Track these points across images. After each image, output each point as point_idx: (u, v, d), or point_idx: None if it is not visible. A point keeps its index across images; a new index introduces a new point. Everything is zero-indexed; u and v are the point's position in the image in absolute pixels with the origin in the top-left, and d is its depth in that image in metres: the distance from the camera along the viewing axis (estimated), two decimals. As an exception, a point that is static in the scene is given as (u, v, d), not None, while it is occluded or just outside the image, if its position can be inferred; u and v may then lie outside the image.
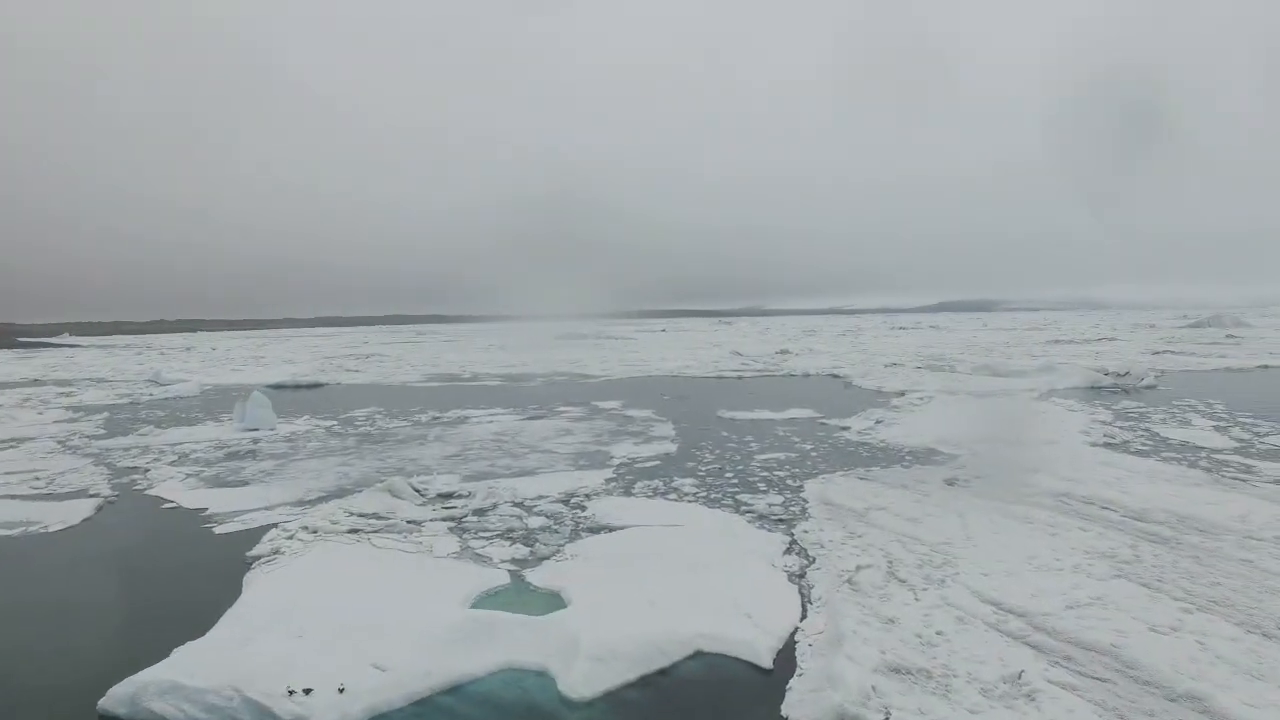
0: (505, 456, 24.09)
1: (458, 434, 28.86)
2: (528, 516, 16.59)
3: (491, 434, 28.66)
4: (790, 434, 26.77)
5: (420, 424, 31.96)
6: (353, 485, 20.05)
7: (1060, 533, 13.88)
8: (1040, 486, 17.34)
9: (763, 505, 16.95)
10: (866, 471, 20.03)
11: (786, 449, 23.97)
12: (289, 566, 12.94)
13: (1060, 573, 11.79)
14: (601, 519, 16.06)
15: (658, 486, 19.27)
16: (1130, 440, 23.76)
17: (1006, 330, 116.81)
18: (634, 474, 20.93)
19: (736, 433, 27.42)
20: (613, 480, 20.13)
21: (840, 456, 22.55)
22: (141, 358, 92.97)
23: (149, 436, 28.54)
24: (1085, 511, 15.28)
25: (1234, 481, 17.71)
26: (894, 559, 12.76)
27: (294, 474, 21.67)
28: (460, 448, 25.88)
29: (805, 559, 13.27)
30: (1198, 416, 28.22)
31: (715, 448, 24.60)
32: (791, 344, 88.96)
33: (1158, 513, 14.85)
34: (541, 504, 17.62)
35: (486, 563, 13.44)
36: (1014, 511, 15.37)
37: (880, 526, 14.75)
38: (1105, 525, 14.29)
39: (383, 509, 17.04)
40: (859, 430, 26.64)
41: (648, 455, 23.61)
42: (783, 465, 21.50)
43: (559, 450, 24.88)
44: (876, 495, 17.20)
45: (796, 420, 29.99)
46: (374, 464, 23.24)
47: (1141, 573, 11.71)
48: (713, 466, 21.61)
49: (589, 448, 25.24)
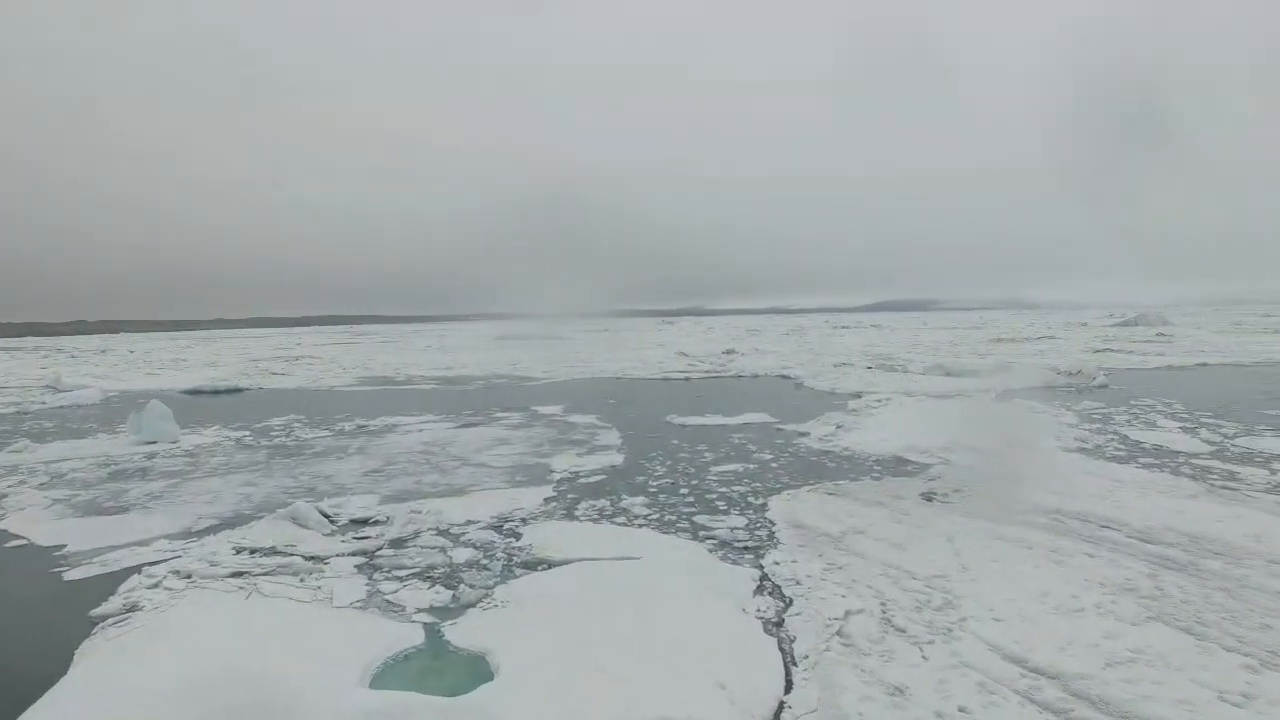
0: (433, 471, 21.54)
1: (383, 445, 26.13)
2: (453, 548, 14.18)
3: (420, 445, 26.01)
4: (746, 442, 24.85)
5: (342, 434, 29.08)
6: (253, 510, 17.28)
7: (1066, 560, 12.14)
8: (1027, 501, 15.69)
9: (724, 529, 14.86)
10: (834, 485, 18.16)
11: (744, 459, 22.00)
12: (141, 629, 10.26)
13: (1083, 615, 9.98)
14: (539, 550, 13.74)
15: (604, 507, 17.04)
16: (1103, 445, 22.50)
17: (947, 329, 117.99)
18: (577, 491, 18.66)
19: (688, 441, 25.38)
20: (553, 500, 17.82)
21: (803, 468, 20.67)
22: (48, 361, 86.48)
23: (23, 453, 25.01)
24: (1086, 532, 13.63)
25: (1228, 492, 16.36)
26: (887, 600, 10.79)
27: (185, 497, 18.74)
28: (384, 461, 23.20)
29: (781, 600, 11.21)
30: (1160, 417, 27.31)
31: (666, 459, 22.50)
32: (737, 344, 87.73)
33: (1165, 532, 13.29)
34: (470, 531, 15.21)
35: (398, 614, 11.01)
36: (1007, 533, 13.62)
37: (862, 555, 12.81)
38: (1113, 549, 12.62)
39: (282, 541, 14.41)
40: (820, 437, 24.86)
41: (592, 468, 21.36)
42: (742, 479, 19.50)
43: (493, 464, 22.43)
44: (851, 515, 15.30)
45: (751, 426, 28.10)
46: (283, 483, 20.44)
47: (1175, 612, 9.98)
48: (664, 481, 19.48)
49: (527, 460, 22.85)
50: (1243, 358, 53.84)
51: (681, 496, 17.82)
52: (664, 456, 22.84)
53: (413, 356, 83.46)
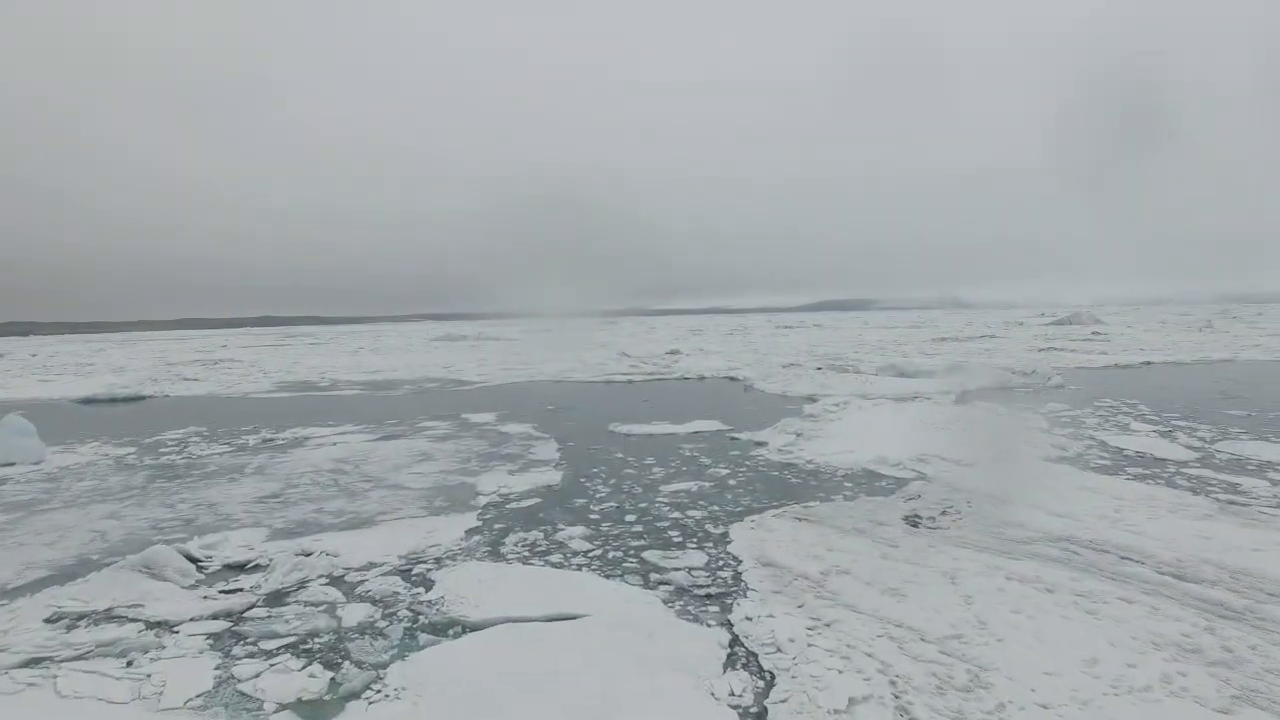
0: (339, 496, 18.51)
1: (286, 463, 22.87)
2: (346, 604, 11.31)
3: (330, 462, 22.84)
4: (699, 454, 22.42)
5: (244, 449, 25.63)
6: (103, 555, 14.03)
7: (1100, 607, 9.97)
8: (1028, 526, 13.60)
9: (682, 571, 12.30)
10: (804, 508, 15.81)
11: (698, 476, 19.55)
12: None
13: (1150, 694, 7.75)
14: (453, 605, 10.98)
15: (536, 541, 14.33)
16: (1084, 453, 20.75)
17: (888, 329, 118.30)
18: (506, 519, 15.90)
19: (634, 453, 22.82)
20: (476, 532, 15.02)
21: (766, 485, 18.31)
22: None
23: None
24: (1108, 566, 11.53)
25: (1239, 509, 14.57)
26: (896, 677, 8.39)
27: (22, 538, 15.31)
28: (284, 483, 20.03)
29: (760, 677, 8.72)
30: (1130, 420, 25.91)
31: (610, 476, 19.90)
32: (681, 344, 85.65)
33: (1200, 566, 11.28)
34: (370, 578, 12.35)
35: (251, 715, 8.17)
36: (1018, 571, 11.42)
37: (852, 606, 10.42)
38: (1148, 591, 10.52)
39: (125, 600, 11.33)
40: (779, 448, 22.57)
41: (525, 489, 18.62)
42: (697, 500, 17.03)
43: (411, 484, 19.49)
44: (829, 548, 12.94)
45: (703, 435, 25.69)
46: (155, 514, 17.13)
47: (1265, 688, 7.83)
48: (608, 505, 16.86)
49: (450, 479, 19.97)
50: (1181, 356, 53.99)
51: (628, 525, 15.23)
52: (607, 473, 20.24)
53: (342, 359, 78.96)
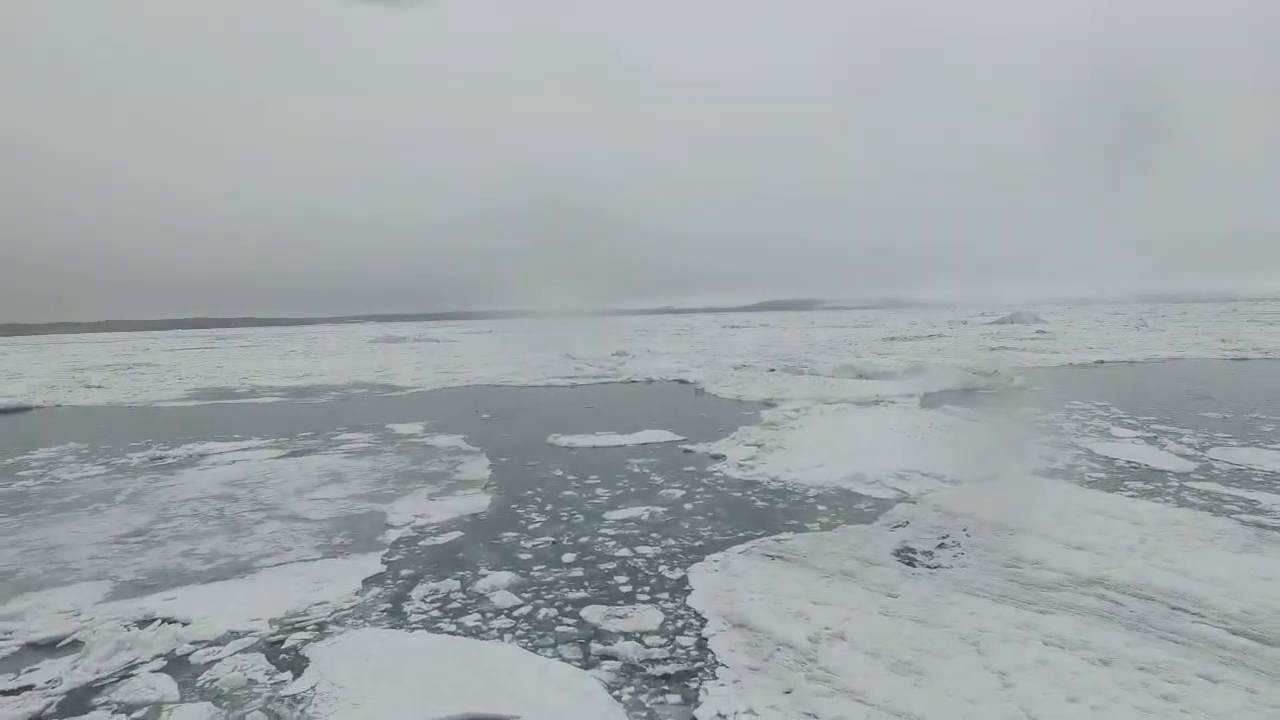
0: (219, 532, 15.33)
1: (169, 488, 19.49)
2: (178, 705, 8.34)
3: (221, 485, 19.55)
4: (649, 471, 19.79)
5: (123, 470, 22.06)
6: (-123, 625, 10.72)
7: (1177, 688, 7.63)
8: (1047, 563, 11.31)
9: (630, 642, 9.59)
10: (776, 542, 13.30)
11: (648, 498, 16.92)
12: None
13: None
14: (324, 707, 8.11)
15: (451, 594, 11.48)
16: (1074, 464, 18.79)
17: (836, 328, 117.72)
18: (417, 562, 13.00)
19: (576, 471, 20.09)
20: (377, 582, 12.10)
21: (728, 510, 15.76)
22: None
23: None
24: (1161, 622, 9.26)
25: (1277, 535, 12.59)
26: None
27: None
28: (156, 516, 16.72)
29: (748, 827, 6.12)
30: (1109, 425, 24.22)
31: (547, 500, 17.12)
32: (627, 344, 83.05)
33: (1274, 620, 9.09)
34: (224, 659, 9.37)
35: None
36: (1055, 632, 9.06)
37: (859, 694, 7.90)
38: (1227, 659, 8.25)
39: None
40: (739, 462, 20.08)
41: (446, 519, 15.73)
42: (648, 532, 14.38)
43: (311, 514, 16.41)
44: (814, 598, 10.43)
45: (653, 448, 23.08)
46: (-24, 561, 13.75)
47: None
48: (542, 540, 14.09)
49: (359, 507, 16.94)
50: (1131, 354, 53.57)
51: (565, 568, 12.48)
52: (544, 496, 17.47)
53: (271, 363, 74.22)
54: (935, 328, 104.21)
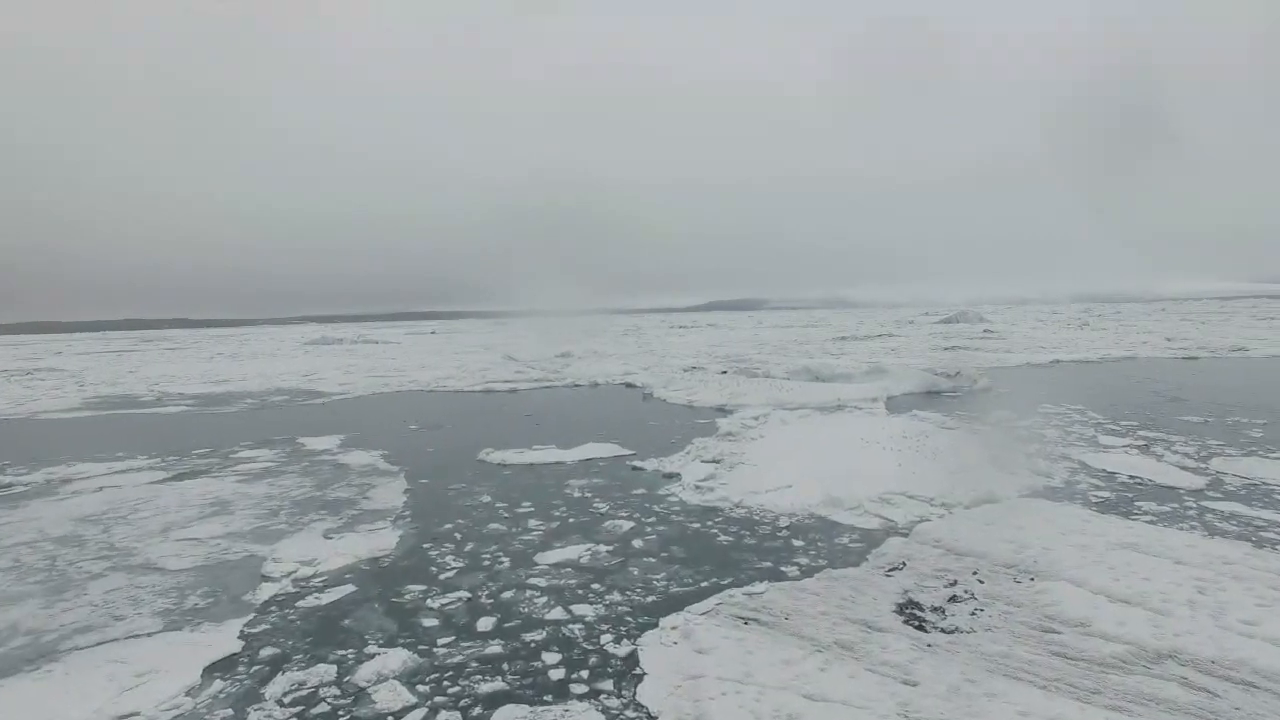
0: (40, 591, 11.98)
1: (5, 524, 15.95)
2: None
3: (72, 522, 16.07)
4: (592, 495, 16.99)
5: (-40, 502, 18.34)
6: None
7: None
8: (1095, 626, 8.88)
9: (563, 774, 6.84)
10: (748, 596, 10.62)
11: (591, 533, 14.12)
12: None
13: None
14: None
15: (320, 690, 8.49)
16: (1073, 481, 16.63)
17: (785, 328, 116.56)
18: (283, 639, 9.92)
19: (507, 496, 17.17)
20: (222, 673, 9.03)
21: (686, 550, 13.04)
22: None
23: None
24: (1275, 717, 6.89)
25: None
26: None
27: None
28: (-29, 567, 13.28)
29: None
30: (1093, 431, 22.34)
31: (469, 536, 14.19)
32: (572, 344, 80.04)
33: None
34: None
35: None
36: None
37: None
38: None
39: None
40: (696, 483, 17.41)
41: (339, 566, 12.67)
42: (589, 583, 11.59)
43: (170, 563, 13.16)
44: (807, 689, 7.79)
45: (597, 465, 20.27)
46: None
47: None
48: (455, 600, 11.15)
49: (235, 550, 13.75)
50: (1085, 354, 52.84)
51: (481, 641, 9.59)
52: (466, 531, 14.53)
53: (192, 367, 69.13)
54: (883, 327, 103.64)
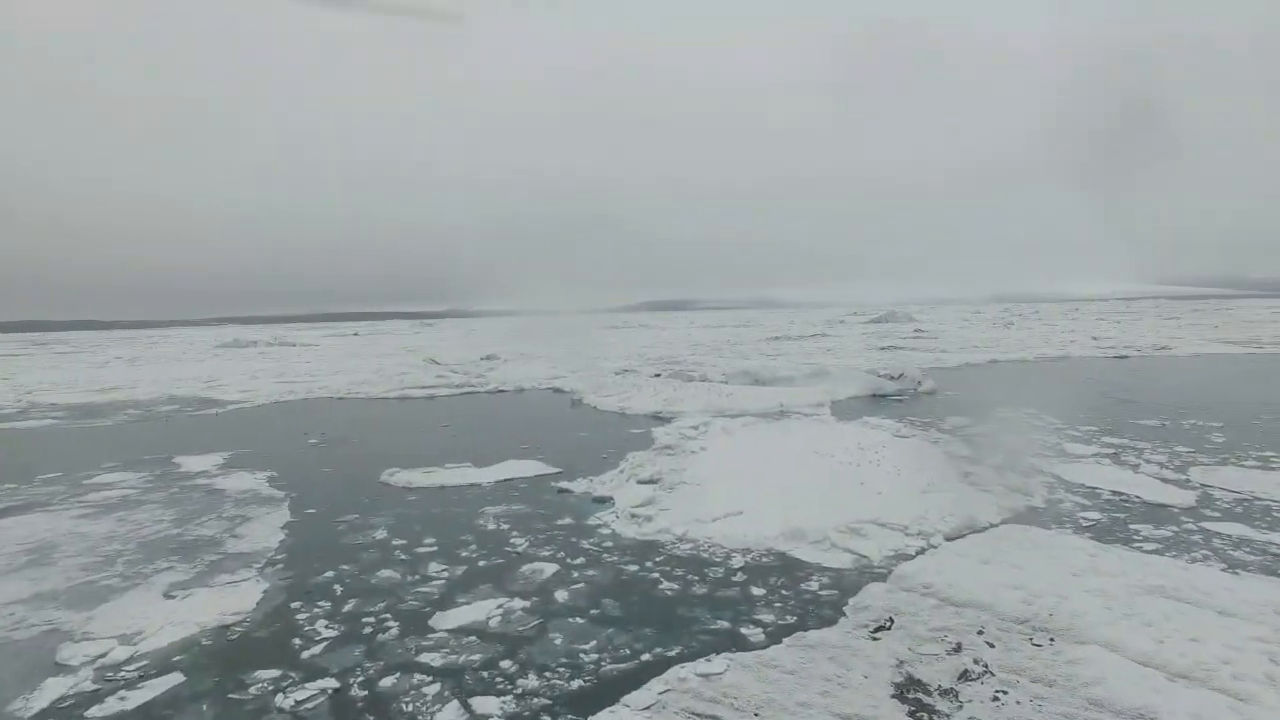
0: None
1: None
2: None
3: None
4: (510, 528, 14.31)
5: None
6: None
7: None
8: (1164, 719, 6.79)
9: None
10: (704, 679, 8.16)
11: (504, 582, 11.46)
12: None
13: None
14: None
15: None
16: (1057, 501, 14.80)
17: (717, 328, 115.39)
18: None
19: (407, 530, 14.34)
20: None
21: (623, 605, 10.51)
22: None
23: None
24: None
25: None
26: None
27: None
28: None
29: None
30: (1058, 439, 20.90)
31: (352, 591, 11.34)
32: (499, 346, 76.66)
33: None
34: None
35: None
36: None
37: None
38: None
39: None
40: (632, 510, 14.88)
41: (167, 647, 9.68)
42: (497, 660, 8.94)
43: (-60, 643, 9.97)
44: None
45: (517, 487, 17.58)
46: None
47: None
48: (320, 688, 8.34)
49: (30, 621, 10.56)
50: (1020, 354, 52.67)
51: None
52: (351, 580, 11.69)
53: (79, 373, 63.06)
54: (815, 327, 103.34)
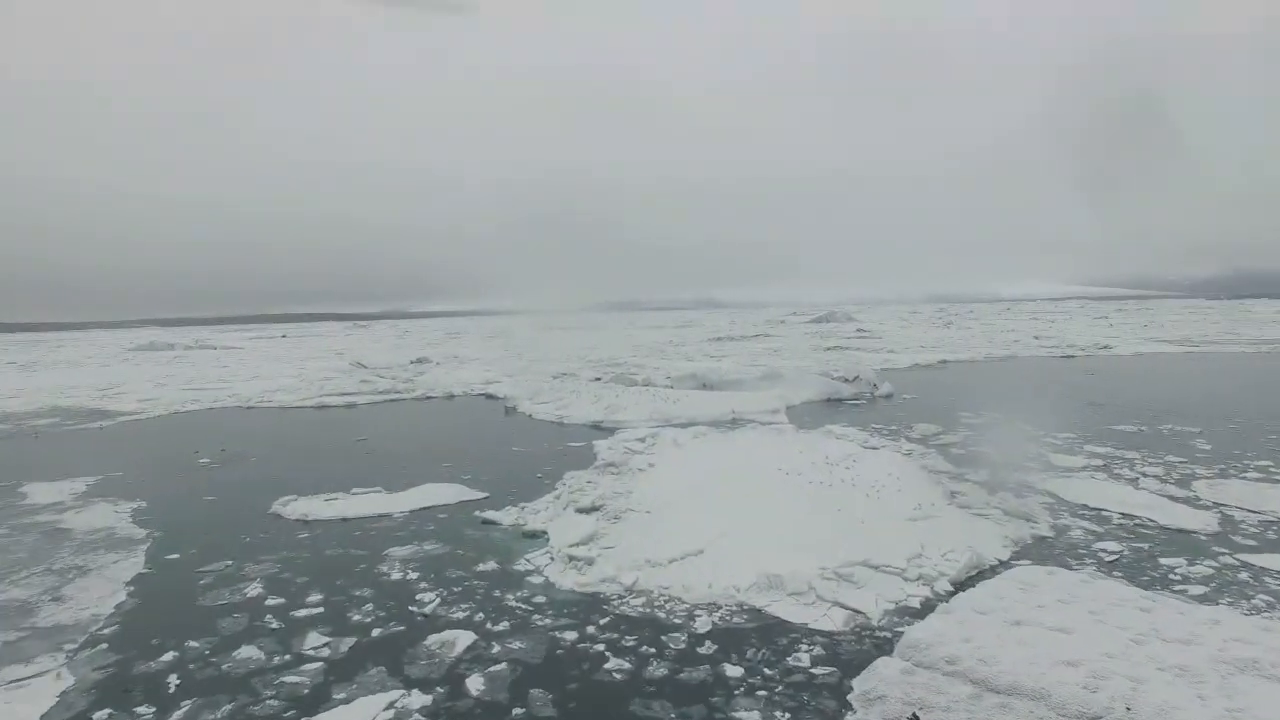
0: None
1: None
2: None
3: None
4: (417, 577, 11.52)
5: None
6: None
7: None
8: None
9: None
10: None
11: (403, 663, 8.73)
12: None
13: None
14: None
15: None
16: (1065, 530, 12.79)
17: (658, 328, 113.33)
18: None
19: (288, 583, 11.43)
20: None
21: (555, 694, 7.89)
22: None
23: None
24: None
25: None
26: None
27: None
28: None
29: None
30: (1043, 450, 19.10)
31: (193, 682, 8.44)
32: (433, 349, 72.99)
33: None
34: None
35: None
36: None
37: None
38: None
39: None
40: (567, 550, 12.24)
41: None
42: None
43: None
44: None
45: (433, 520, 14.74)
46: None
47: None
48: None
49: None
50: (969, 354, 51.94)
51: None
52: (197, 662, 8.80)
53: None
54: (757, 327, 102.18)
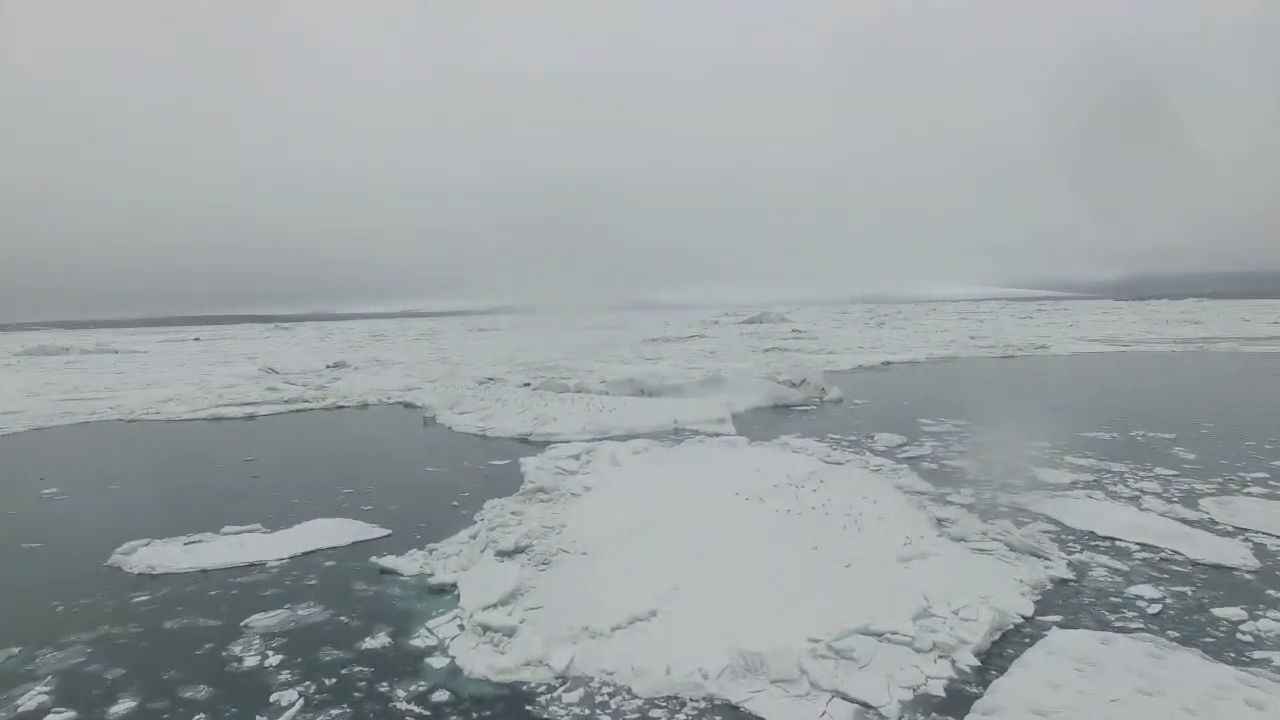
0: None
1: None
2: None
3: None
4: (278, 664, 8.60)
5: None
6: None
7: None
8: None
9: None
10: None
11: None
12: None
13: None
14: None
15: None
16: (1087, 569, 10.74)
17: (591, 330, 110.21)
18: None
19: (89, 685, 8.36)
20: None
21: None
22: None
23: None
24: None
25: None
26: None
27: None
28: None
29: None
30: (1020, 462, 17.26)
31: None
32: (353, 352, 68.62)
33: None
34: None
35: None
36: None
37: None
38: None
39: None
40: (481, 615, 9.43)
41: None
42: None
43: None
44: None
45: (319, 567, 11.76)
46: None
47: None
48: None
49: None
50: (911, 355, 50.87)
51: None
52: None
53: None
54: (690, 328, 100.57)
